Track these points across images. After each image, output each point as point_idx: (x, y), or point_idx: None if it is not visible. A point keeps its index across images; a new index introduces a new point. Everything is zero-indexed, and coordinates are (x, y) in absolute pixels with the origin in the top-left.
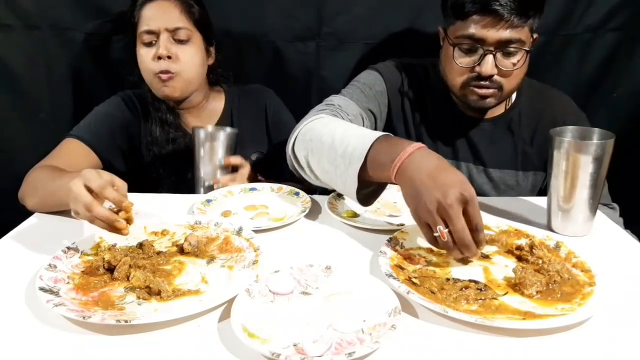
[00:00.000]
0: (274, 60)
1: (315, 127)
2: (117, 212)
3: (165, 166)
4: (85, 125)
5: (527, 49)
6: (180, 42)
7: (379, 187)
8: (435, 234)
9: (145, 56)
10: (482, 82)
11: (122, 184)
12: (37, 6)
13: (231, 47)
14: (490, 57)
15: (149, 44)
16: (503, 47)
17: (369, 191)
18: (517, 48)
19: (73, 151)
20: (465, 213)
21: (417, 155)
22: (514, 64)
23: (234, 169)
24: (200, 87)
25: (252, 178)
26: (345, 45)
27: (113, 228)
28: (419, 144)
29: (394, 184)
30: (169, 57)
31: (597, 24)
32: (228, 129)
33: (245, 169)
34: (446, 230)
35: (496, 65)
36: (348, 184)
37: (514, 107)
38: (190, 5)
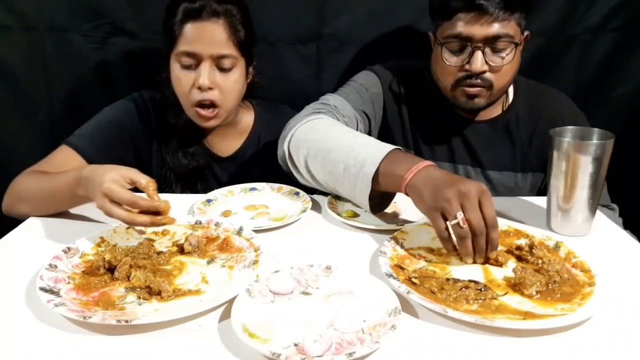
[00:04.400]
0: (275, 62)
1: (318, 128)
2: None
3: (180, 182)
4: (86, 134)
5: (517, 42)
6: (223, 69)
7: (384, 200)
8: (454, 222)
9: (183, 80)
10: (473, 81)
11: (142, 179)
12: (34, 7)
13: None
14: (479, 54)
15: (188, 67)
16: (491, 43)
17: (375, 202)
18: (505, 43)
19: (67, 161)
20: (480, 207)
21: (431, 169)
22: (503, 59)
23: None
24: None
25: None
26: (346, 47)
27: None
28: (430, 162)
29: (404, 193)
30: (210, 88)
31: (597, 25)
32: None
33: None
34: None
35: (486, 62)
36: (359, 187)
37: (512, 109)
38: (237, 29)
